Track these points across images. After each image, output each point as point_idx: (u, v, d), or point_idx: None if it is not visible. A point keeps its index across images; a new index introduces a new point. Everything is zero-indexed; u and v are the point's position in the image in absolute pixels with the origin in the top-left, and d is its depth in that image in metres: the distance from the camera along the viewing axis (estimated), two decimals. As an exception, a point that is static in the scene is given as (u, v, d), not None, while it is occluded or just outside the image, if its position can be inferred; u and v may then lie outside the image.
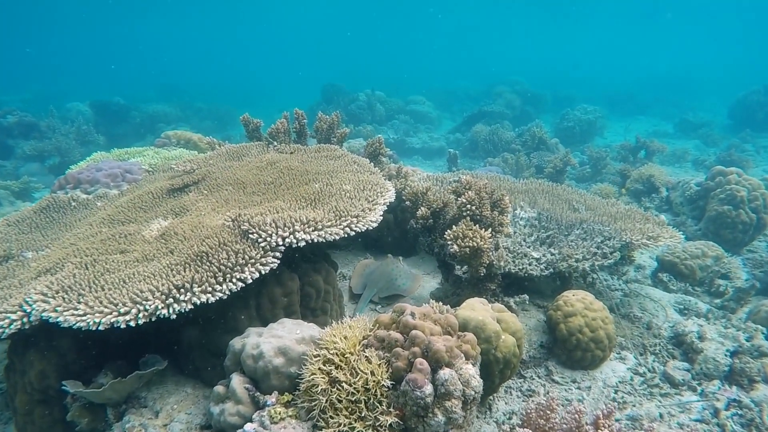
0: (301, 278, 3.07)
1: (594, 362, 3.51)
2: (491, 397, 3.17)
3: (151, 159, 5.01)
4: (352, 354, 2.41)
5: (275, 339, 2.55)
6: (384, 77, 27.45)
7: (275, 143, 4.58)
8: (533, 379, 3.46)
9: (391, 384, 2.27)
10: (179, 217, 3.56)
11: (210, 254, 2.73)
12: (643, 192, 7.27)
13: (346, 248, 5.04)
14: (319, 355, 2.44)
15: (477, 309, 2.89)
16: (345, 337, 2.49)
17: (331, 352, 2.42)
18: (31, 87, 23.27)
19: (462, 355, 2.35)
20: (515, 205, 4.80)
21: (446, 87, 24.42)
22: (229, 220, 3.04)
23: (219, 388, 2.52)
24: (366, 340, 2.49)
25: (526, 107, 18.10)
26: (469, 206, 3.45)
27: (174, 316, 2.47)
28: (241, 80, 33.45)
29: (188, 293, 2.51)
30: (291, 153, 4.11)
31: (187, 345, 2.94)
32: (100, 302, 2.47)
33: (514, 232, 4.42)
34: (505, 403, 3.24)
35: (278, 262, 2.77)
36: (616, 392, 3.32)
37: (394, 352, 2.33)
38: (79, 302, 2.50)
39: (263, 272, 2.71)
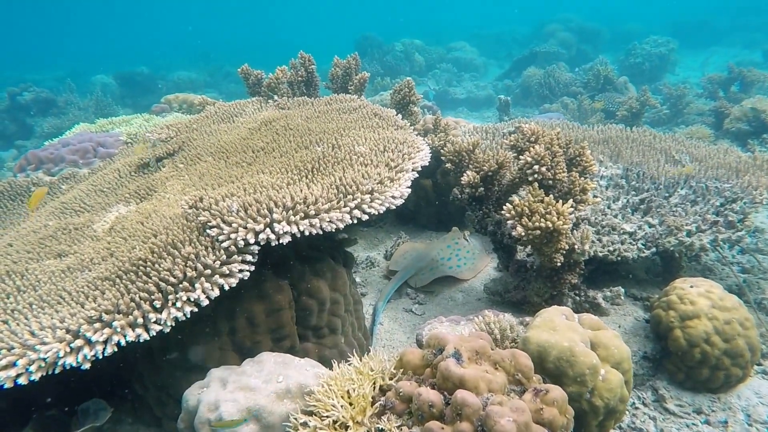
0: (295, 285, 2.13)
1: (728, 383, 2.43)
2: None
3: (137, 129, 4.14)
4: (359, 425, 1.47)
5: (244, 394, 1.64)
6: (422, 25, 25.46)
7: (275, 97, 3.59)
8: (637, 408, 2.43)
9: (425, 487, 1.33)
10: (144, 201, 2.70)
11: (149, 262, 1.82)
12: (749, 133, 5.79)
13: (374, 224, 4.07)
14: (308, 426, 1.52)
15: (559, 328, 1.87)
16: (348, 395, 1.55)
17: (325, 421, 1.49)
18: (64, 64, 23.09)
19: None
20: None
21: (491, 32, 22.26)
22: (188, 206, 2.11)
23: (167, 467, 1.67)
24: (383, 399, 1.54)
25: (583, 46, 16.04)
26: (536, 167, 2.36)
27: (87, 366, 1.60)
28: (272, 39, 32.10)
29: (106, 329, 1.62)
30: (288, 108, 3.11)
31: (141, 385, 2.10)
32: (-20, 346, 1.63)
33: (594, 196, 3.29)
34: (599, 448, 2.24)
35: (250, 269, 1.84)
36: (768, 432, 2.25)
37: (426, 430, 1.37)
38: (-47, 346, 1.67)
39: (227, 287, 1.78)
